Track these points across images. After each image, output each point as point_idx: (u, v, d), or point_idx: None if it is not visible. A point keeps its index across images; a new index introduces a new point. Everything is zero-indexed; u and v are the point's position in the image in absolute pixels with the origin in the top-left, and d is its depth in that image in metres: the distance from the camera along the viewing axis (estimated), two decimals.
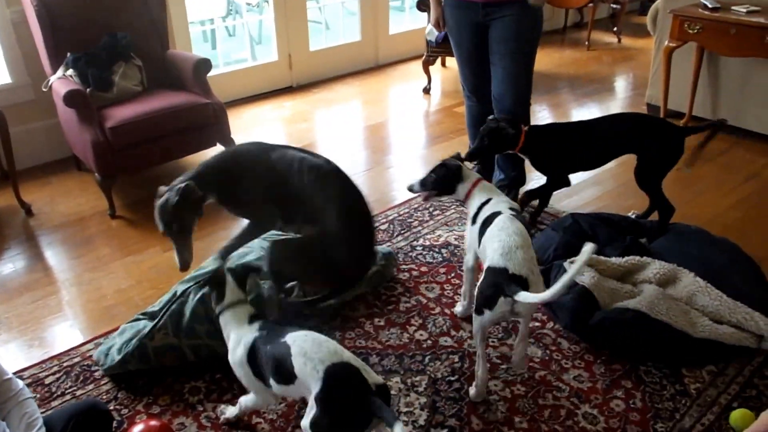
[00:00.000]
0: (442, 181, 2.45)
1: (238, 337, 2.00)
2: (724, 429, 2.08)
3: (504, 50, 3.09)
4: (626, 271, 2.67)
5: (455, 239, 3.17)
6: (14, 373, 2.42)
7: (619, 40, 6.65)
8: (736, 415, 2.05)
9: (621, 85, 5.56)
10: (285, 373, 1.82)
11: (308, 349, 1.77)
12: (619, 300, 2.49)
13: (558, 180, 3.15)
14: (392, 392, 2.24)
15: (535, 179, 3.51)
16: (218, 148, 3.95)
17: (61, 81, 3.51)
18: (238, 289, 2.08)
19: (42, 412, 2.21)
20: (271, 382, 1.90)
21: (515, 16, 3.01)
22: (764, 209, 3.33)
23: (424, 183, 2.50)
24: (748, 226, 3.11)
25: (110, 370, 2.36)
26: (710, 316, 2.40)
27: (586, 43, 6.47)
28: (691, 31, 3.73)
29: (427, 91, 5.37)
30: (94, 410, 1.97)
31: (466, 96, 3.49)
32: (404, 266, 2.97)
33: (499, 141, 2.91)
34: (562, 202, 3.50)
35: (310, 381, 1.74)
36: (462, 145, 3.90)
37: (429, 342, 2.49)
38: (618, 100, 5.13)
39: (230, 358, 2.03)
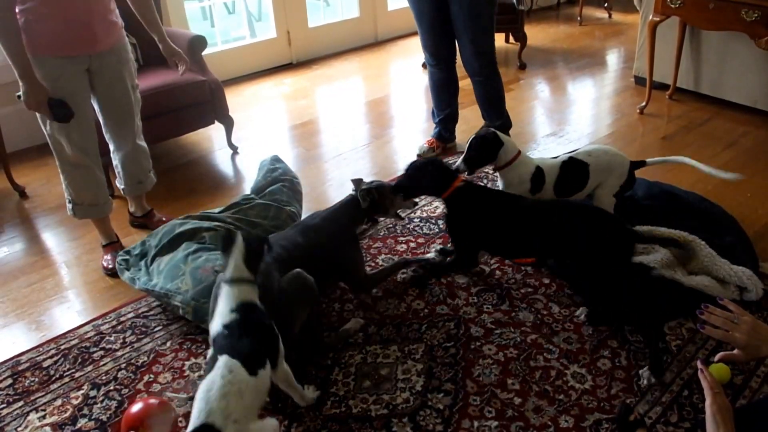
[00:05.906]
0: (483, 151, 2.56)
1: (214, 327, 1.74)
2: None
3: (465, 25, 3.18)
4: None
5: None
6: (11, 358, 2.33)
7: (610, 16, 6.57)
8: (712, 369, 2.09)
9: (611, 58, 5.46)
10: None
11: (213, 391, 1.50)
12: None
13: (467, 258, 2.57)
14: (390, 360, 2.18)
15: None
16: (217, 126, 3.83)
17: None
18: (244, 264, 1.77)
19: (40, 396, 2.15)
20: None
21: None
22: (742, 175, 3.32)
23: (467, 161, 2.57)
24: (726, 191, 3.08)
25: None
26: (699, 272, 2.44)
27: (579, 18, 6.39)
28: (673, 6, 3.71)
29: (425, 65, 5.22)
30: None
31: (429, 63, 3.47)
32: (402, 238, 2.87)
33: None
34: None
35: (192, 417, 1.48)
36: (460, 119, 3.76)
37: (426, 311, 2.42)
38: (609, 73, 5.04)
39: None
